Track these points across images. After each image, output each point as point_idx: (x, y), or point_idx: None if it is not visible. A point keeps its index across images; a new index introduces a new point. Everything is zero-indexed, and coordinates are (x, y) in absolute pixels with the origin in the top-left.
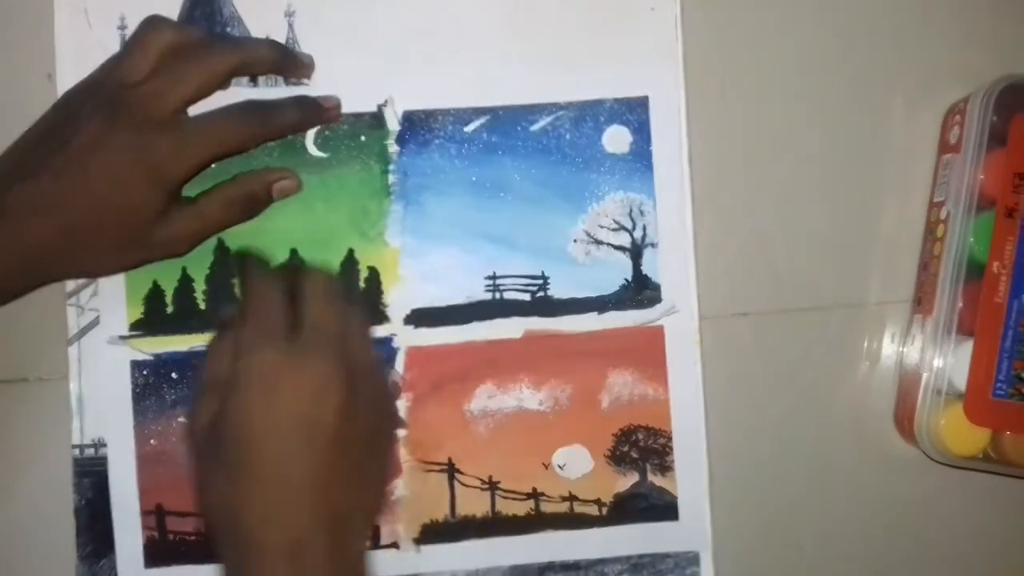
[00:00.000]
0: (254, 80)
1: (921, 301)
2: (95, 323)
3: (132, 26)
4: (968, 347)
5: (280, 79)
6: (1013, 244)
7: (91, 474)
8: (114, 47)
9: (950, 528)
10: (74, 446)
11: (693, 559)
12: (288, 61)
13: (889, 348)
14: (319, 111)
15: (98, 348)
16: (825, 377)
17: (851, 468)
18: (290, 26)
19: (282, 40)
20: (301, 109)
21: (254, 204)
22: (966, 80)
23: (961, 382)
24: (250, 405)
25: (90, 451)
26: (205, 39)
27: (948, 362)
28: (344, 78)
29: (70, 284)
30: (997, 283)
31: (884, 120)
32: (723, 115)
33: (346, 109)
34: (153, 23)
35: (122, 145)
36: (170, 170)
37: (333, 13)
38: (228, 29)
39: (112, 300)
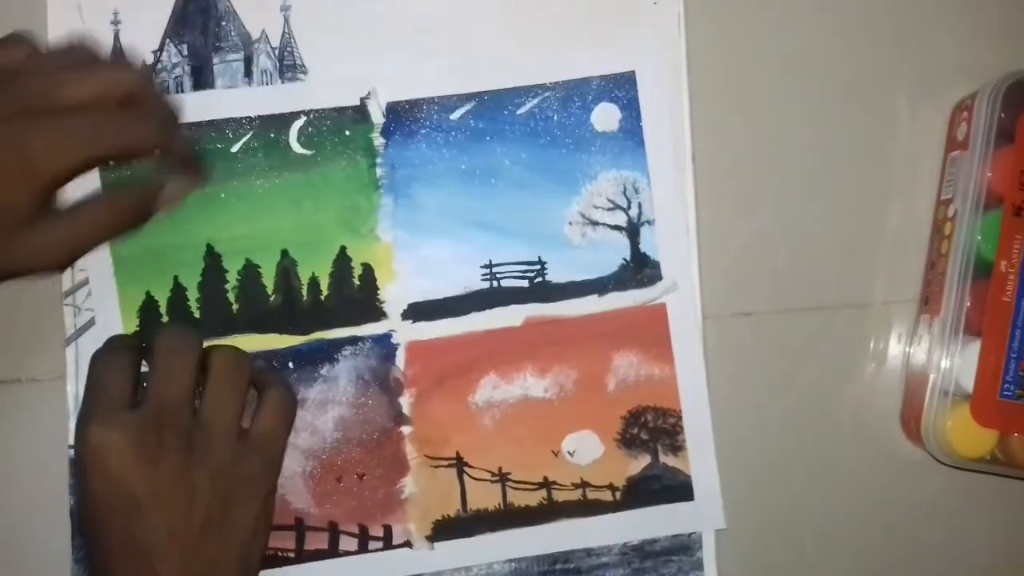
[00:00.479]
0: (248, 76)
1: (928, 301)
2: (91, 323)
3: (126, 21)
4: (975, 347)
5: (276, 75)
6: (1021, 243)
7: None
8: (108, 42)
9: (957, 530)
10: (70, 446)
11: (696, 564)
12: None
13: (895, 348)
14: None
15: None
16: (830, 378)
17: (857, 470)
18: (286, 20)
19: (277, 36)
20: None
21: (137, 213)
22: (973, 76)
23: (968, 383)
24: (87, 485)
25: None
26: (129, 59)
27: (955, 363)
28: (326, 70)
29: (66, 283)
30: (1005, 282)
31: (890, 117)
32: (727, 113)
33: (328, 104)
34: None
35: None
36: (43, 166)
37: (330, 8)
38: (223, 24)
39: (107, 311)
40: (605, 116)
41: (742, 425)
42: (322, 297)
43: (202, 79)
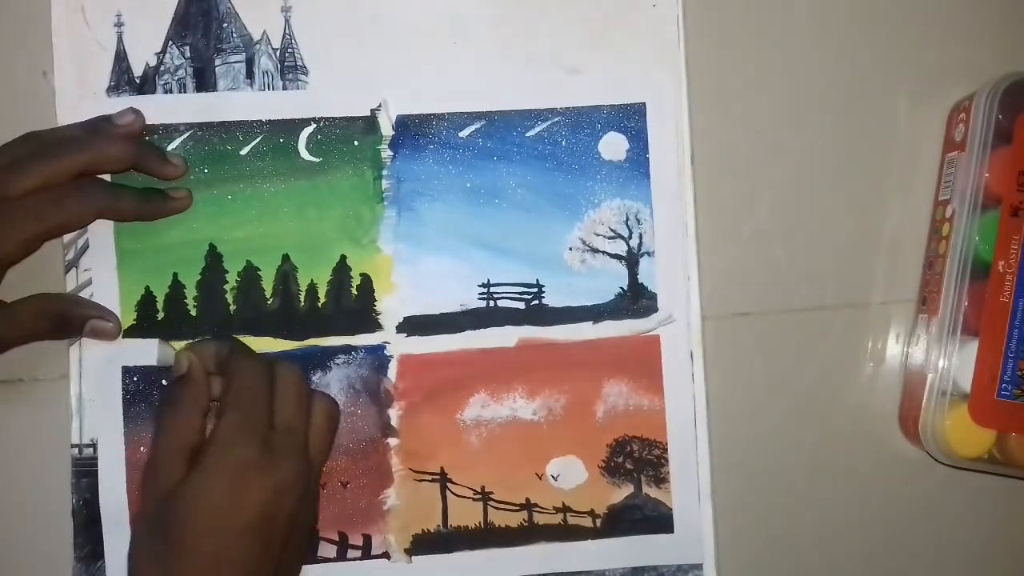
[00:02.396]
0: (250, 77)
1: (926, 301)
2: None
3: (129, 23)
4: (973, 347)
5: (278, 76)
6: (1019, 243)
7: (89, 475)
8: (111, 45)
9: (956, 530)
10: (73, 445)
11: (695, 563)
12: (148, 160)
13: (894, 348)
14: (164, 202)
15: (96, 350)
16: (828, 378)
17: (855, 470)
18: (287, 22)
19: (279, 37)
20: (143, 199)
21: (65, 326)
22: (971, 77)
23: (966, 383)
24: (212, 494)
25: (88, 451)
26: (59, 138)
27: (953, 362)
28: (338, 80)
29: (70, 283)
30: (1002, 282)
31: (888, 118)
32: (725, 112)
33: (339, 113)
34: (24, 135)
35: None
36: None
37: (331, 10)
38: (225, 25)
39: (106, 302)
40: (613, 145)
41: (740, 424)
42: (319, 304)
43: (204, 81)
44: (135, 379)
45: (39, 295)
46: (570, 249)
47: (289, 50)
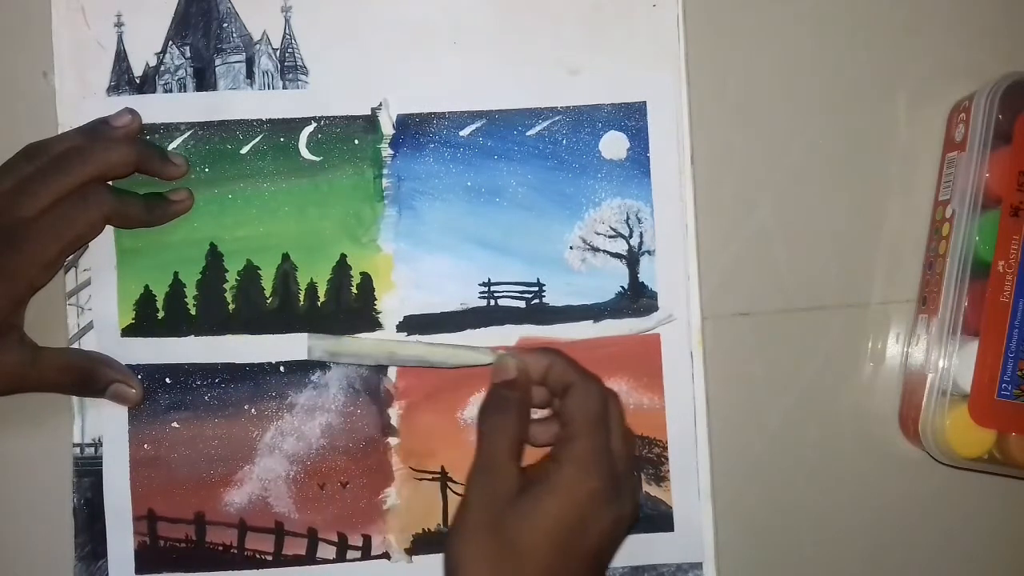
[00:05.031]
0: (250, 77)
1: (926, 301)
2: (93, 324)
3: (129, 23)
4: (973, 347)
5: (278, 76)
6: (1019, 243)
7: (91, 474)
8: (111, 45)
9: (956, 530)
10: (75, 444)
11: (695, 563)
12: (149, 161)
13: (893, 348)
14: (167, 207)
15: (99, 349)
16: (828, 378)
17: (855, 470)
18: (287, 21)
19: (279, 37)
20: (147, 205)
21: (88, 385)
22: (971, 77)
23: (966, 383)
24: (568, 516)
25: (90, 450)
26: (63, 150)
27: (953, 362)
28: (339, 79)
29: (70, 284)
30: (1002, 282)
31: (889, 118)
32: (725, 112)
33: (340, 112)
34: (25, 150)
35: None
36: (17, 273)
37: (331, 10)
38: (225, 25)
39: (105, 301)
40: (614, 144)
41: (740, 424)
42: (319, 303)
43: (204, 81)
44: (138, 377)
45: (70, 349)
46: (571, 248)
47: (289, 50)
